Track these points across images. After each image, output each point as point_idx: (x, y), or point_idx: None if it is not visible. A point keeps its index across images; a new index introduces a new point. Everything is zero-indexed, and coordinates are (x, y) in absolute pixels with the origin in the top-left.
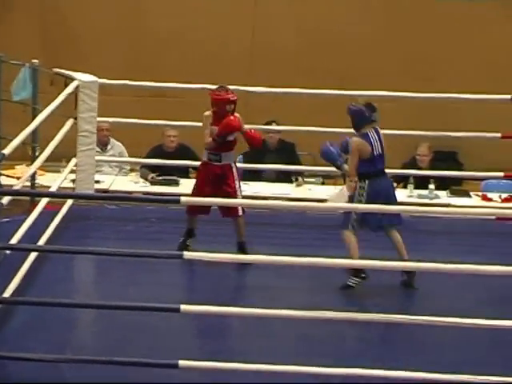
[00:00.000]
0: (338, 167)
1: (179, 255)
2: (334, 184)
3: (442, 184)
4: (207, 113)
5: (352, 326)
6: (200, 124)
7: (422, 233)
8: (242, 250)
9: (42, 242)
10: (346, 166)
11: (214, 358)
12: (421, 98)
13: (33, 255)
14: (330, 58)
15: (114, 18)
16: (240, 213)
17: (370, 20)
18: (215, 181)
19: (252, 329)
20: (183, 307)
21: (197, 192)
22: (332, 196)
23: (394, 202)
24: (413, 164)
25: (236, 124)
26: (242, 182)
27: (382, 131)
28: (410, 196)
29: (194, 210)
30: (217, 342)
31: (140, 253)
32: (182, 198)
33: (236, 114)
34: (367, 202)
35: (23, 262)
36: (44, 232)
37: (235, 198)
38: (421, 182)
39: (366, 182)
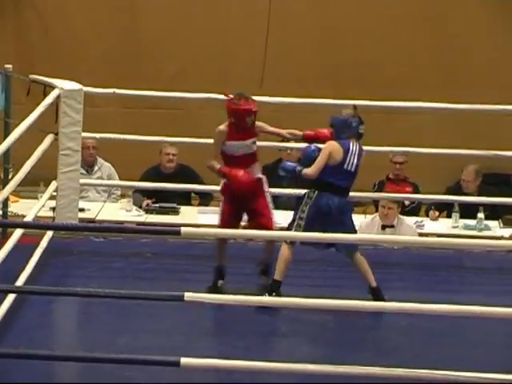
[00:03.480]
0: (297, 176)
1: (179, 297)
2: (364, 212)
3: (494, 213)
4: (222, 127)
5: None
6: (207, 140)
7: (469, 270)
8: (265, 273)
9: (19, 281)
10: (305, 170)
11: None
12: (466, 110)
13: (9, 297)
14: (358, 65)
15: (101, 17)
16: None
17: (401, 19)
18: (240, 197)
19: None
20: (184, 360)
21: (224, 219)
22: (363, 226)
23: (343, 227)
24: (458, 189)
25: (243, 180)
26: None
27: (420, 149)
28: (455, 227)
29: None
30: None
31: (133, 294)
32: (183, 229)
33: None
34: (307, 217)
35: None
36: (19, 270)
37: (270, 217)
38: (468, 210)
39: (315, 193)
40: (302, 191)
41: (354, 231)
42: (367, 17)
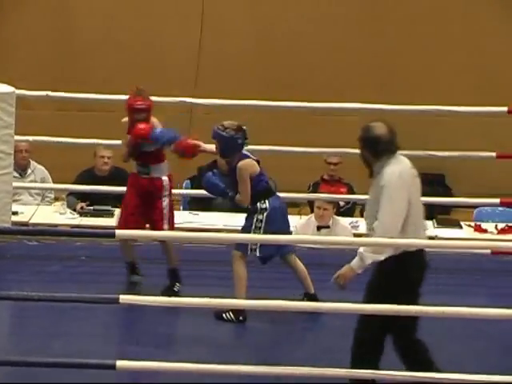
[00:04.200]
0: (228, 198)
1: (115, 300)
2: (299, 213)
3: (428, 213)
4: (125, 119)
5: None
6: None
7: None
8: (174, 278)
9: None
10: (238, 196)
11: None
12: (397, 111)
13: None
14: (290, 66)
15: (34, 18)
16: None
17: (337, 21)
18: (144, 196)
19: None
20: (120, 363)
21: (125, 207)
22: (298, 227)
23: (288, 225)
24: None
25: (142, 132)
26: (189, 212)
27: (354, 150)
28: None
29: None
30: None
31: (68, 297)
32: (118, 232)
33: (153, 119)
34: (267, 223)
35: None
36: None
37: (161, 223)
38: None
39: (267, 201)
40: None
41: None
42: (302, 18)
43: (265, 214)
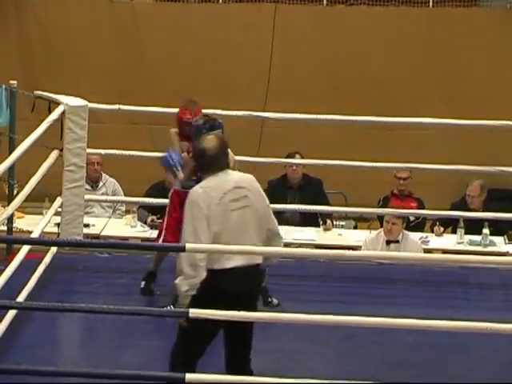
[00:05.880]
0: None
1: (184, 313)
2: (369, 228)
3: (498, 228)
4: (174, 130)
5: None
6: None
7: (474, 286)
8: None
9: (21, 297)
10: (181, 174)
11: None
12: (469, 126)
13: (10, 313)
14: (361, 81)
15: (104, 32)
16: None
17: (408, 36)
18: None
19: None
20: (189, 376)
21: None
22: (367, 241)
23: None
24: (463, 204)
25: None
26: None
27: (424, 165)
28: (460, 242)
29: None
30: None
31: (137, 310)
32: (188, 245)
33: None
34: None
35: None
36: (23, 286)
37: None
38: (473, 226)
39: None
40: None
41: None
42: (369, 33)
43: None
